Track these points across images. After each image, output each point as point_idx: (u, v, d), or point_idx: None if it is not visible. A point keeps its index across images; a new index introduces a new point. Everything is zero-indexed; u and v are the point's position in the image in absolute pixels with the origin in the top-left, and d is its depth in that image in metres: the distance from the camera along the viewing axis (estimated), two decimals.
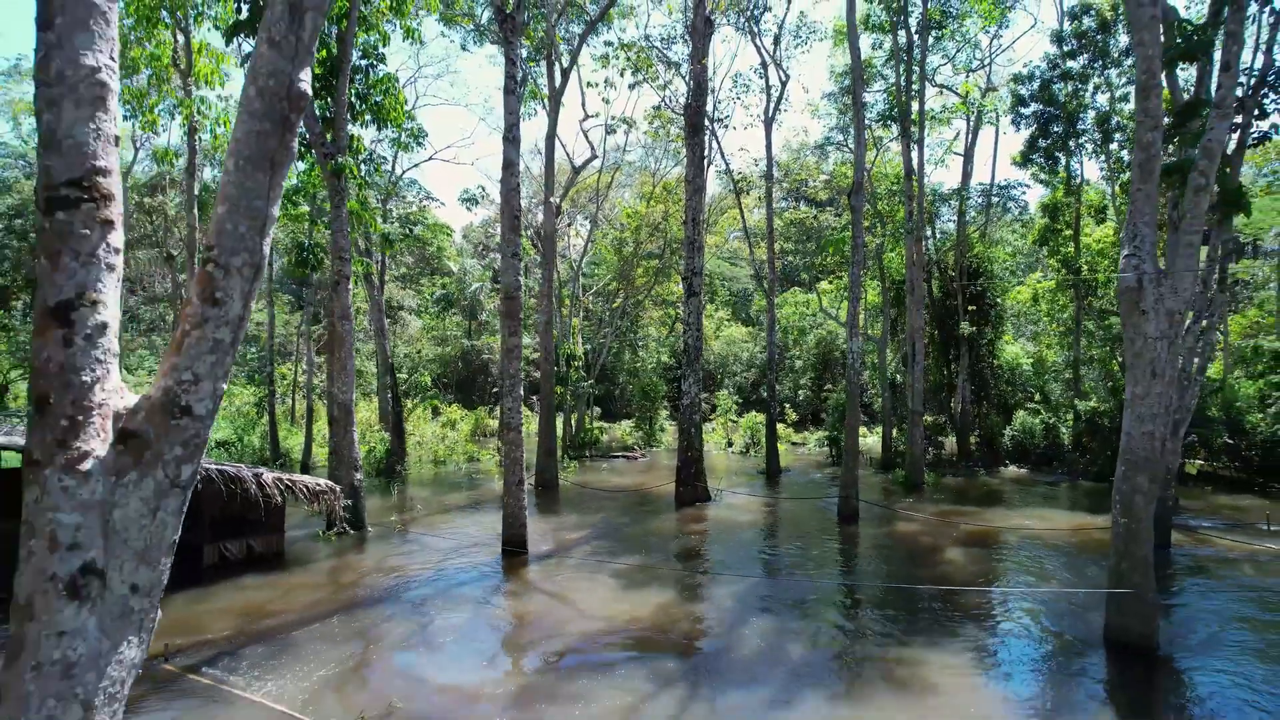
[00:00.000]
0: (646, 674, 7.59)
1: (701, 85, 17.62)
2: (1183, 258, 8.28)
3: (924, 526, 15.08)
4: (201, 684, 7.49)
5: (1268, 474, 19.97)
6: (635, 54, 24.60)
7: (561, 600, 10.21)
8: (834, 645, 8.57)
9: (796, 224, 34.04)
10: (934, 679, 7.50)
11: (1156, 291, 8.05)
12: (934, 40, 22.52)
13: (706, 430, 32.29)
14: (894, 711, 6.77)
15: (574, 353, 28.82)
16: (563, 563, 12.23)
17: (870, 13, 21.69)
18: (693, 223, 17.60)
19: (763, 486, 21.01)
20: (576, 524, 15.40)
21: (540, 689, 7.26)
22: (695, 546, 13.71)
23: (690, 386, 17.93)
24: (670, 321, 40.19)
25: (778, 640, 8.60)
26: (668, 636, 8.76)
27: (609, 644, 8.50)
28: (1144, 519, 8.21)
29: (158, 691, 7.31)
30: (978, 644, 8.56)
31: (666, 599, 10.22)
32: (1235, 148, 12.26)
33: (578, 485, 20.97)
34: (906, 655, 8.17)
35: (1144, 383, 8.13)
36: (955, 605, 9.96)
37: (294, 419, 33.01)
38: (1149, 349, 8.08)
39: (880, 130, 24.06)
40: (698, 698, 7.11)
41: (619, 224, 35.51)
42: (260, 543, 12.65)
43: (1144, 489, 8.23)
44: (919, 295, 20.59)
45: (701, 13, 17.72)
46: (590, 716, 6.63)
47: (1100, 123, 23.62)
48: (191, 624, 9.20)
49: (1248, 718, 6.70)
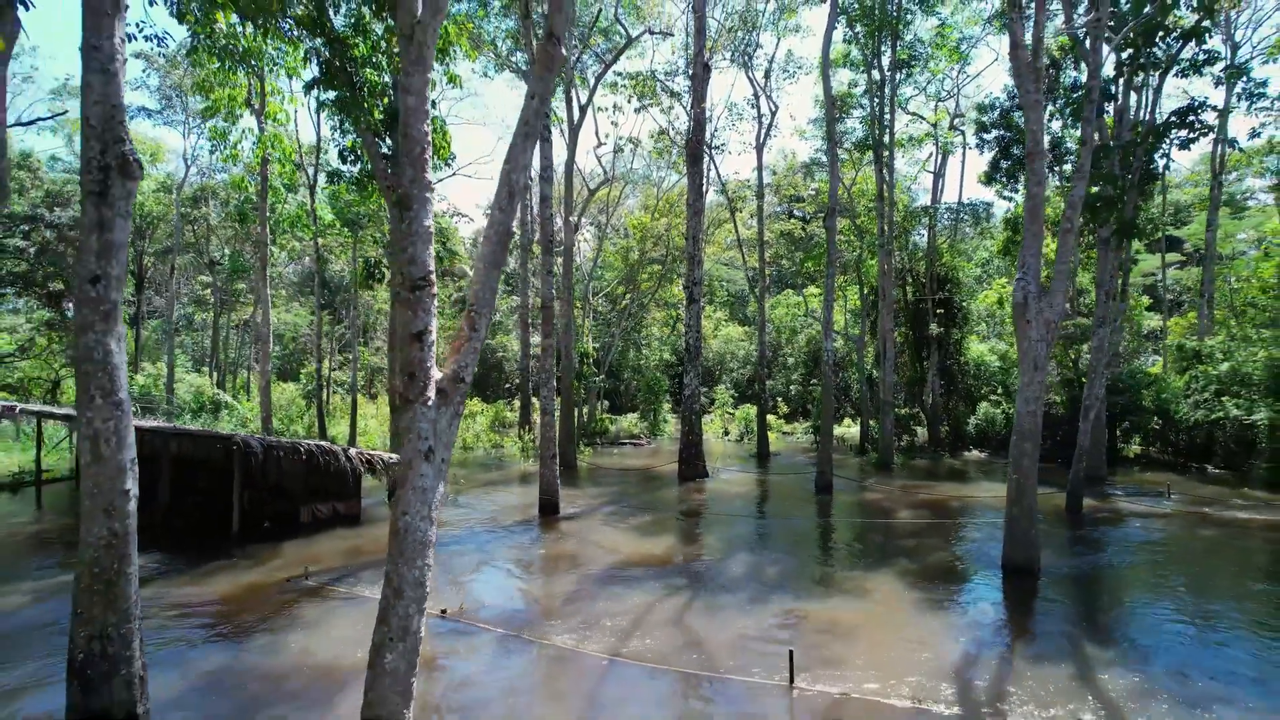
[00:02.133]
0: (659, 585, 10.24)
1: (700, 123, 20.23)
2: (1057, 281, 10.91)
3: (885, 495, 17.75)
4: (337, 592, 10.14)
5: (1191, 456, 22.62)
6: (641, 83, 27.26)
7: (591, 543, 12.87)
8: (799, 569, 11.22)
9: (786, 234, 36.60)
10: (870, 588, 10.16)
11: (1037, 305, 10.68)
12: (904, 76, 25.07)
13: (705, 421, 34.93)
14: (835, 605, 9.42)
15: (586, 351, 31.43)
16: (589, 519, 14.90)
17: (849, 53, 24.25)
18: (692, 240, 20.23)
19: (754, 466, 23.66)
20: (596, 494, 18.07)
21: (584, 593, 9.92)
22: (695, 508, 16.37)
23: (691, 380, 20.58)
24: (672, 322, 42.75)
25: (758, 566, 11.26)
26: (674, 564, 11.42)
27: (631, 568, 11.15)
28: (1030, 475, 10.83)
29: (308, 598, 9.94)
30: (910, 569, 11.19)
31: (673, 542, 12.89)
32: (1128, 188, 14.83)
33: (593, 466, 23.63)
34: (853, 575, 10.83)
35: (1028, 374, 10.77)
36: (896, 546, 12.61)
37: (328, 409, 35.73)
38: (1032, 349, 10.72)
39: (857, 154, 26.64)
40: (697, 598, 9.75)
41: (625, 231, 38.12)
42: (344, 506, 15.30)
43: (1029, 453, 10.85)
44: (890, 301, 23.21)
45: (700, 59, 20.31)
46: (622, 608, 9.27)
47: (1053, 147, 26.18)
48: (312, 558, 11.83)
49: (1082, 609, 9.36)
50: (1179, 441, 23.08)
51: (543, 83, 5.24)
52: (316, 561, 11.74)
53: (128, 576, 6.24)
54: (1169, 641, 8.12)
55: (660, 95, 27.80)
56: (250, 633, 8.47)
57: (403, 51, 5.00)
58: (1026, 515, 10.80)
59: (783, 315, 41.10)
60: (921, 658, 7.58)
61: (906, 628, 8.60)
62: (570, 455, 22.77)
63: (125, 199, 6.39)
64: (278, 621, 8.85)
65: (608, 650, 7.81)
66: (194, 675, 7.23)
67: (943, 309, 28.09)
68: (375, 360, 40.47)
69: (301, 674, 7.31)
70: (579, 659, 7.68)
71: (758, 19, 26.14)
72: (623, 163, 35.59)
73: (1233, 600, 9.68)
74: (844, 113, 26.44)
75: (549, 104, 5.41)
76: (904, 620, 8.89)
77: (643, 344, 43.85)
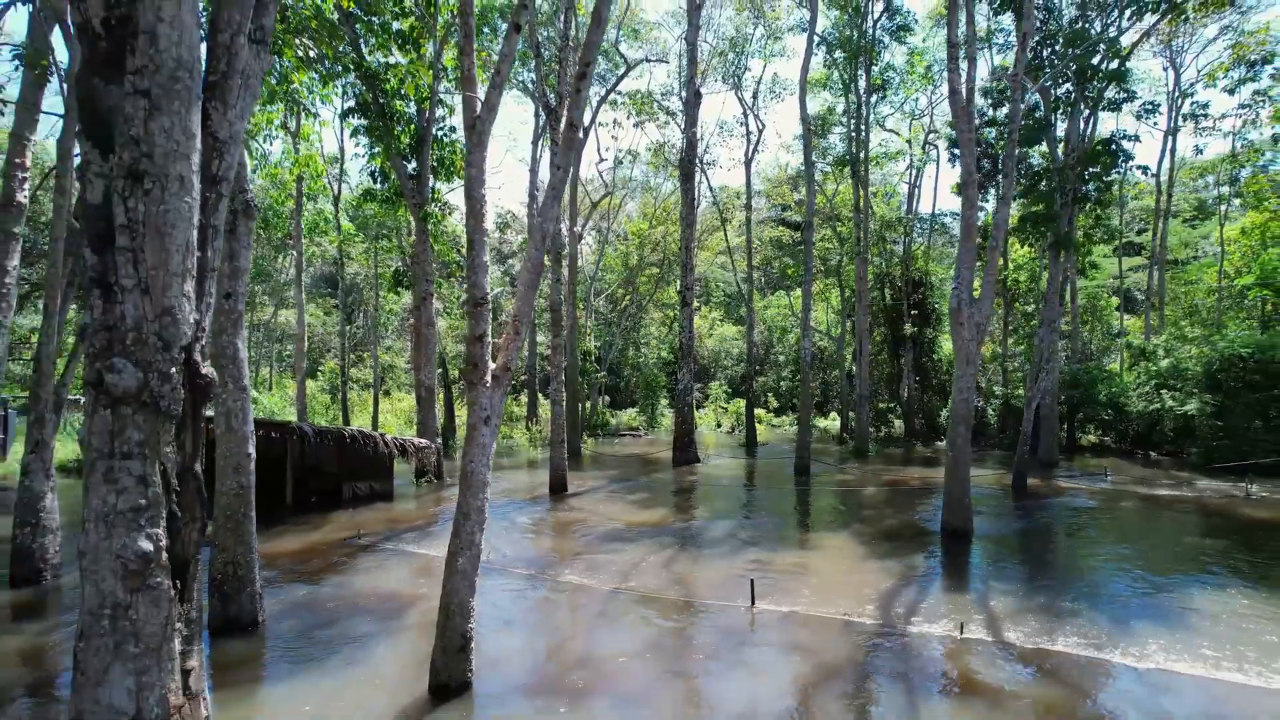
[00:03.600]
0: (653, 542, 12.18)
1: (692, 144, 22.14)
2: (985, 290, 12.84)
3: (856, 476, 19.69)
4: (386, 548, 12.08)
5: (1139, 443, 24.58)
6: (639, 101, 29.18)
7: (595, 513, 14.81)
8: (770, 532, 13.15)
9: (774, 241, 38.52)
10: (828, 545, 12.10)
11: (969, 311, 12.62)
12: (880, 98, 26.99)
13: (700, 415, 36.93)
14: (796, 555, 11.36)
15: (588, 350, 33.36)
16: (593, 495, 16.85)
17: (829, 77, 26.16)
18: (686, 249, 22.16)
19: (742, 454, 25.61)
20: (599, 476, 20.01)
21: (590, 547, 11.85)
22: (687, 487, 18.32)
23: (684, 376, 22.52)
24: (669, 322, 44.69)
25: (736, 529, 13.20)
26: (666, 527, 13.36)
27: (629, 531, 13.09)
28: (964, 453, 12.75)
29: (362, 553, 11.86)
30: (864, 531, 13.12)
31: (665, 512, 14.84)
32: (1061, 207, 16.75)
33: (596, 454, 25.58)
34: (814, 536, 12.78)
35: (961, 367, 12.71)
36: (856, 515, 14.55)
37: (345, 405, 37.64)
38: (964, 346, 12.65)
39: (838, 169, 28.57)
40: (684, 552, 11.68)
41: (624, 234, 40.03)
42: (378, 485, 17.24)
43: (963, 434, 12.79)
44: (866, 303, 25.15)
45: (692, 86, 22.23)
46: (622, 558, 11.20)
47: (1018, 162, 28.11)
48: (359, 525, 13.77)
49: (998, 559, 11.30)
50: (1128, 430, 25.04)
51: (566, 158, 7.15)
52: (363, 527, 13.68)
53: (250, 518, 8.19)
54: (1055, 579, 10.05)
55: (656, 112, 29.72)
56: (322, 575, 10.41)
57: (466, 137, 6.90)
58: (960, 487, 12.74)
59: (774, 316, 43.07)
60: (858, 591, 9.52)
61: (851, 572, 10.54)
62: (575, 444, 24.70)
63: (247, 234, 8.35)
64: (343, 568, 10.80)
65: (610, 587, 9.75)
66: (287, 602, 9.15)
67: (917, 310, 30.01)
68: (385, 359, 42.39)
69: (371, 600, 9.25)
70: (587, 590, 9.62)
71: (747, 45, 28.05)
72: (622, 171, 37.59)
73: (1117, 551, 11.62)
74: (825, 131, 28.36)
75: (569, 173, 7.30)
76: (850, 567, 10.83)
77: (642, 343, 45.81)
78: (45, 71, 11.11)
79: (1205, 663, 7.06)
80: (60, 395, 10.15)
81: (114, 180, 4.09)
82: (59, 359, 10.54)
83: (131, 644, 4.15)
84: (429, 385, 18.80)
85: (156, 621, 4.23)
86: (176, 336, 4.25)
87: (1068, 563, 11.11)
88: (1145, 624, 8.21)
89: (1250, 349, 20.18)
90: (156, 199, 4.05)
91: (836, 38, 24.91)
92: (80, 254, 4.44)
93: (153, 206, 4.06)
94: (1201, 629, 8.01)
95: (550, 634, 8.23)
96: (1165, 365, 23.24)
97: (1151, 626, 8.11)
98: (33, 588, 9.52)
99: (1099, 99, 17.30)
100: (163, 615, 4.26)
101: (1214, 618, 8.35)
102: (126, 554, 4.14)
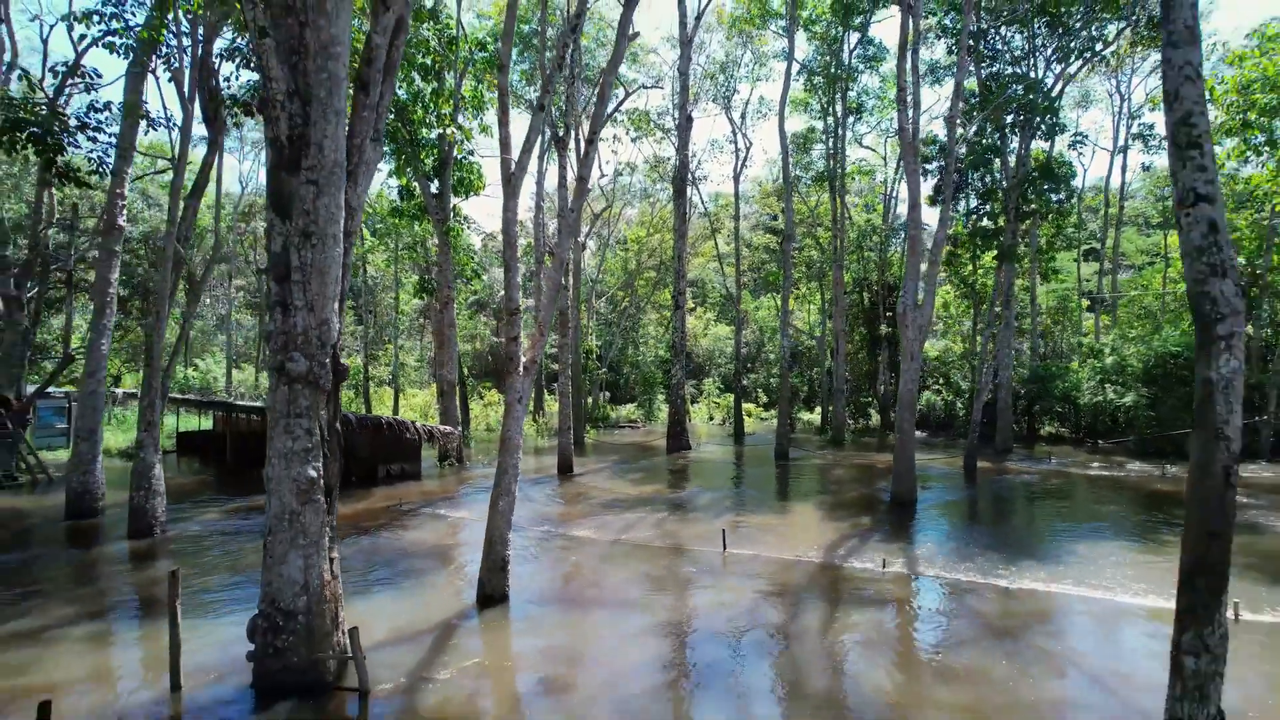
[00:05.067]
0: (647, 509, 14.32)
1: (684, 163, 24.27)
2: (927, 296, 14.97)
3: (828, 460, 21.84)
4: (424, 513, 14.21)
5: (1088, 433, 26.71)
6: (637, 119, 31.29)
7: (598, 488, 16.94)
8: (746, 501, 15.29)
9: (765, 246, 40.64)
10: (792, 510, 14.24)
11: (913, 315, 14.75)
12: (855, 120, 29.12)
13: (695, 409, 39.06)
14: (764, 517, 13.50)
15: (590, 348, 35.48)
16: (595, 475, 18.98)
17: (809, 101, 28.28)
18: (679, 258, 24.28)
19: (730, 442, 27.75)
20: (600, 460, 22.15)
21: (594, 512, 13.98)
22: (678, 468, 20.46)
23: (677, 372, 24.65)
24: (665, 323, 46.78)
25: (718, 499, 15.34)
26: (658, 498, 15.50)
27: (627, 500, 15.22)
28: (909, 435, 14.86)
29: (406, 516, 13.97)
30: (825, 501, 15.24)
31: (658, 486, 16.98)
32: (1006, 223, 18.87)
33: (597, 442, 27.71)
34: (782, 504, 14.91)
35: (906, 362, 14.84)
36: (820, 489, 16.69)
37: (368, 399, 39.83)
38: (909, 344, 14.78)
39: (817, 186, 30.70)
40: (673, 515, 13.81)
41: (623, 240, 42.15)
42: (408, 466, 19.36)
43: (908, 419, 14.92)
44: (842, 307, 27.28)
45: (684, 112, 24.34)
46: (621, 519, 13.31)
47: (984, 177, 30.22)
48: (399, 497, 15.89)
49: (932, 521, 13.44)
50: (1080, 421, 27.17)
51: (579, 204, 9.25)
52: (404, 498, 15.80)
53: None
54: (974, 534, 12.19)
55: (653, 129, 31.85)
56: (377, 530, 12.54)
57: (504, 189, 9.02)
58: (906, 463, 14.86)
59: (765, 317, 45.16)
60: (811, 541, 11.64)
61: (808, 529, 12.67)
62: (579, 434, 26.80)
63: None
64: (392, 526, 12.93)
65: (612, 538, 11.89)
66: (354, 549, 11.26)
67: (892, 312, 32.11)
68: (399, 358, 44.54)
69: (419, 548, 11.38)
70: (593, 541, 11.76)
71: (735, 69, 30.17)
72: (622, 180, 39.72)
73: (1034, 513, 13.76)
74: (808, 147, 30.48)
75: (580, 215, 9.42)
76: (807, 525, 12.96)
77: (640, 342, 47.93)
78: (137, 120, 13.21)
79: (1062, 583, 9.19)
80: (165, 384, 12.27)
81: (291, 237, 6.24)
82: (163, 354, 12.59)
83: (301, 538, 6.31)
84: (450, 379, 20.92)
85: (316, 524, 6.39)
86: (329, 338, 6.40)
87: (989, 523, 13.27)
88: (1033, 562, 10.34)
89: (1180, 348, 22.31)
90: (319, 250, 6.19)
91: (816, 64, 27.02)
92: (267, 284, 6.54)
93: (316, 255, 6.20)
94: (1074, 564, 10.14)
95: (564, 568, 10.37)
96: (1110, 362, 25.36)
97: (1038, 563, 10.24)
98: (148, 539, 11.64)
99: (1035, 130, 19.44)
100: (320, 520, 6.42)
101: (1088, 558, 10.48)
102: (300, 479, 6.30)
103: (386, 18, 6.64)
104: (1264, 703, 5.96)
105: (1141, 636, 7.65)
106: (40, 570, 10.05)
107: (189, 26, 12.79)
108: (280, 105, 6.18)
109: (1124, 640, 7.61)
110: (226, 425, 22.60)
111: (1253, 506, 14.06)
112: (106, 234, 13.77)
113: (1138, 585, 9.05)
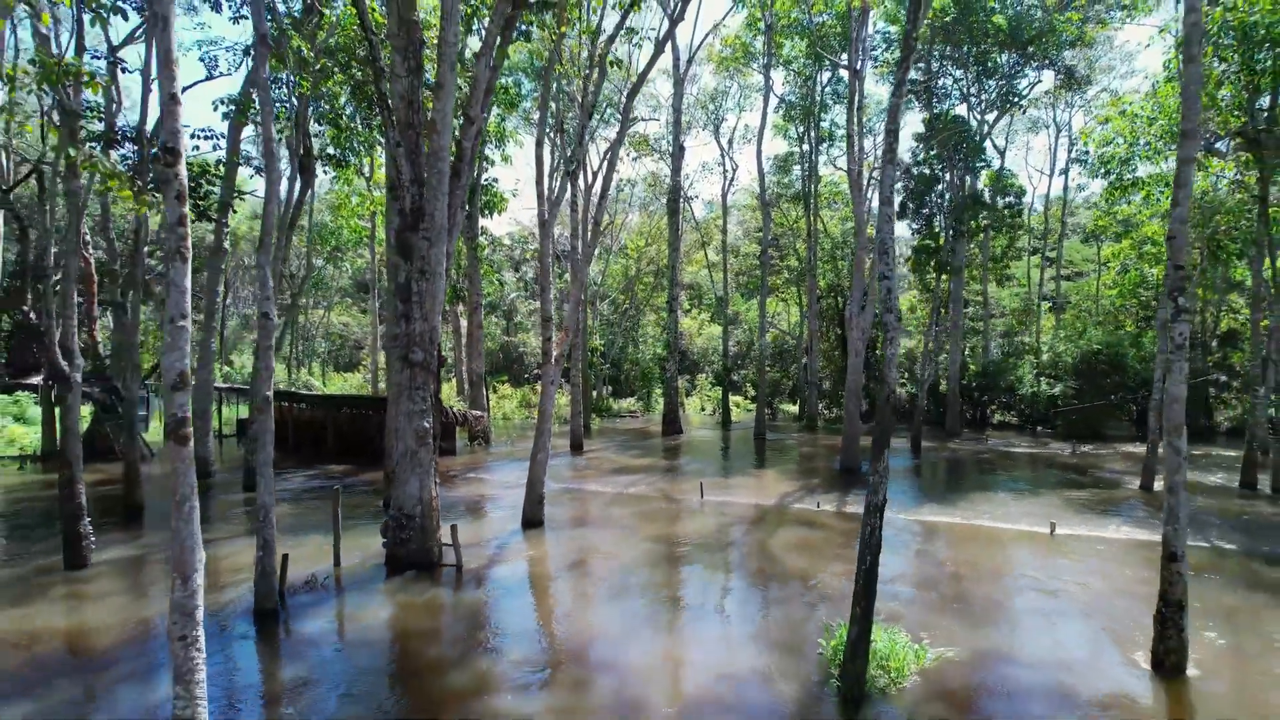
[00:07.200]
0: (645, 475, 17.51)
1: (677, 187, 27.40)
2: (869, 304, 18.14)
3: (798, 440, 25.05)
4: (468, 477, 17.39)
5: (1029, 420, 29.90)
6: (637, 142, 34.40)
7: (605, 460, 20.13)
8: (725, 469, 18.45)
9: (753, 254, 43.76)
10: (759, 474, 17.42)
11: (858, 319, 17.94)
12: (828, 146, 32.23)
13: (689, 401, 42.29)
14: (737, 479, 16.68)
15: (594, 346, 38.63)
16: (602, 452, 22.18)
17: (787, 129, 31.43)
18: (673, 268, 27.43)
19: (718, 428, 30.94)
20: (605, 441, 25.34)
21: (602, 475, 17.17)
22: (672, 447, 23.65)
23: (670, 367, 27.85)
24: (663, 324, 49.91)
25: (703, 468, 18.53)
26: (654, 467, 18.69)
27: (629, 468, 18.40)
28: (854, 417, 18.04)
29: (455, 479, 17.14)
30: (788, 469, 18.38)
31: (655, 459, 20.19)
32: (947, 241, 22.03)
33: (602, 429, 30.89)
34: (753, 471, 18.11)
35: (852, 358, 18.03)
36: (787, 461, 19.88)
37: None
38: (854, 344, 17.97)
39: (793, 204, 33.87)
40: (665, 478, 16.97)
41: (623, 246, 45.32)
42: (445, 444, 22.50)
43: (853, 403, 18.11)
44: (815, 310, 30.47)
45: (678, 142, 27.47)
46: (624, 480, 16.48)
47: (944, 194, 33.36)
48: (445, 467, 19.03)
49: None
50: (1022, 410, 30.36)
51: (593, 242, 12.41)
52: (447, 468, 18.96)
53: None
54: (899, 488, 15.34)
55: (652, 150, 34.98)
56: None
57: (539, 233, 12.15)
58: (852, 439, 18.05)
59: (754, 318, 48.24)
60: (769, 493, 14.83)
61: (768, 486, 15.85)
62: (586, 420, 29.96)
63: None
64: (446, 486, 16.11)
65: (616, 491, 15.08)
66: None
67: None
68: None
69: (472, 498, 14.57)
70: (601, 494, 14.95)
71: (724, 99, 33.34)
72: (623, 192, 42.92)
73: (951, 476, 16.93)
74: (788, 168, 33.61)
75: (594, 249, 12.56)
76: (768, 484, 16.15)
77: (639, 341, 51.09)
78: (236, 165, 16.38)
79: (948, 516, 12.38)
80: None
81: (412, 273, 9.42)
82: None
83: (418, 468, 9.49)
84: (479, 372, 24.09)
85: (427, 458, 9.57)
86: (435, 339, 9.58)
87: (914, 483, 16.47)
88: (933, 504, 13.52)
89: (1101, 345, 25.49)
90: (431, 282, 9.37)
91: (794, 95, 30.16)
92: (394, 303, 9.67)
93: (429, 285, 9.38)
94: (963, 505, 13.33)
95: (580, 509, 13.56)
96: (1045, 359, 28.53)
97: (936, 505, 13.43)
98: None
99: (968, 165, 22.63)
100: (429, 456, 9.61)
101: (975, 501, 13.67)
102: (418, 429, 9.48)
103: (470, 130, 9.82)
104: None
105: (986, 544, 10.85)
106: (207, 509, 13.23)
107: (285, 94, 15.98)
108: (406, 187, 9.35)
109: (969, 548, 10.82)
110: (284, 414, 25.74)
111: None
112: (214, 254, 16.97)
113: (1000, 513, 12.25)
